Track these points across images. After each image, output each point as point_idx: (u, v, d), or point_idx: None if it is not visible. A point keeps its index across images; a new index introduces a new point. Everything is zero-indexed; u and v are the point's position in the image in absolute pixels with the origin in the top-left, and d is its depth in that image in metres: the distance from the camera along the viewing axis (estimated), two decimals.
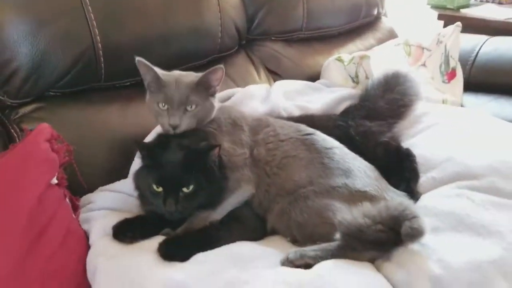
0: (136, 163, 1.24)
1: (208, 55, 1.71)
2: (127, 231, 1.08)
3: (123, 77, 1.50)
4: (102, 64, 1.41)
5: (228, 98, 1.55)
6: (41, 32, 1.29)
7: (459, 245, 0.94)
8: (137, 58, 1.20)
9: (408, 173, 1.21)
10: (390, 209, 0.97)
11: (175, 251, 1.03)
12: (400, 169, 1.22)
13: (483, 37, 2.22)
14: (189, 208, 1.11)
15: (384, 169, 1.22)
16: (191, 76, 1.22)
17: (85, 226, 1.13)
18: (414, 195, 1.16)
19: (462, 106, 2.06)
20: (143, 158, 1.15)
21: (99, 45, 1.38)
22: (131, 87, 1.52)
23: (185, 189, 1.08)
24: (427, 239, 0.96)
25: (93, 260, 1.00)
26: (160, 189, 1.09)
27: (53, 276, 0.96)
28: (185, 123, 1.16)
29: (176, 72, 1.26)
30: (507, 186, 1.06)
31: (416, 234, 0.91)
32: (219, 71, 1.19)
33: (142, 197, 1.18)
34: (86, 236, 1.12)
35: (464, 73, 2.12)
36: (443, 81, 2.07)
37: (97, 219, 1.13)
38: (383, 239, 0.95)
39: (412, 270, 0.90)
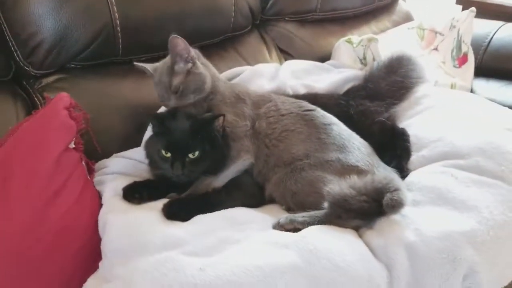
0: (148, 133, 1.34)
1: (221, 34, 1.78)
2: (135, 193, 1.19)
3: (139, 53, 1.59)
4: (120, 40, 1.50)
5: (237, 75, 1.63)
6: (64, 8, 1.39)
7: (436, 217, 1.01)
8: (135, 63, 1.37)
9: (400, 151, 1.27)
10: (375, 182, 1.04)
11: (178, 211, 1.13)
12: (394, 147, 1.28)
13: (498, 23, 2.22)
14: (195, 172, 1.21)
15: (379, 147, 1.29)
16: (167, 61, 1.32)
17: (99, 187, 1.24)
18: (404, 172, 1.23)
19: (471, 91, 2.09)
20: (153, 127, 1.26)
21: (117, 21, 1.48)
22: (146, 62, 1.60)
23: (191, 155, 1.19)
24: (408, 211, 1.03)
25: (103, 216, 1.11)
26: (169, 154, 1.20)
27: (67, 229, 1.07)
28: (180, 102, 1.27)
29: (163, 61, 1.36)
30: (490, 165, 1.11)
31: (396, 205, 0.98)
32: (175, 40, 1.26)
33: (151, 163, 1.28)
34: (99, 196, 1.22)
35: (476, 58, 2.14)
36: (454, 66, 2.09)
37: (110, 181, 1.24)
38: (366, 209, 1.03)
39: (389, 237, 0.97)
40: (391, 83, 1.49)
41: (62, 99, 1.18)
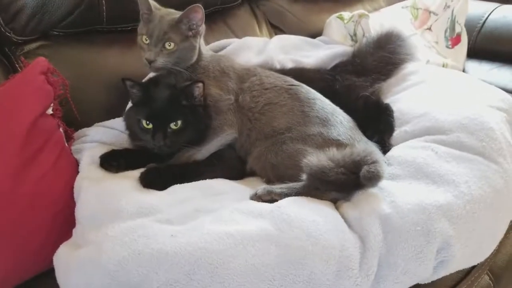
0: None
1: (210, 6, 1.75)
2: (113, 161, 1.18)
3: (124, 21, 1.56)
4: (104, 7, 1.47)
5: (224, 47, 1.60)
6: None
7: (413, 190, 1.01)
8: None
9: (383, 125, 1.26)
10: (353, 155, 1.03)
11: (155, 180, 1.12)
12: (377, 122, 1.27)
13: (493, 5, 2.20)
14: (177, 143, 1.19)
15: (363, 121, 1.28)
16: (177, 15, 1.25)
17: (77, 155, 1.23)
18: (386, 146, 1.22)
19: (463, 71, 2.08)
20: (131, 96, 1.23)
21: None
22: (132, 31, 1.55)
23: (173, 125, 1.17)
24: (386, 184, 1.03)
25: (79, 182, 1.10)
26: (150, 125, 1.17)
27: (42, 194, 1.06)
28: (160, 60, 1.21)
29: (168, 10, 1.30)
30: (471, 141, 1.10)
31: (373, 177, 0.97)
32: (198, 9, 1.22)
33: (132, 134, 1.26)
34: (77, 164, 1.21)
35: (470, 39, 2.12)
36: (447, 46, 2.08)
37: (88, 149, 1.23)
38: (344, 181, 1.01)
39: (364, 209, 0.96)
40: (378, 58, 1.47)
41: (39, 64, 1.15)
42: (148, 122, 1.17)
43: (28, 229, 1.04)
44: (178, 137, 1.18)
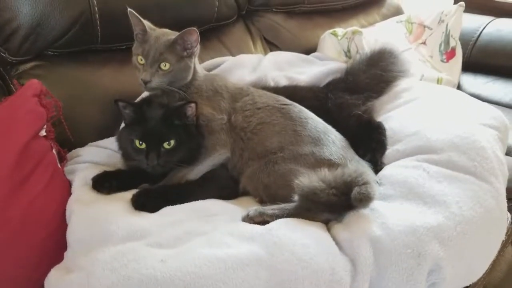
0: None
1: (204, 24, 1.76)
2: (105, 182, 1.18)
3: (119, 40, 1.57)
4: (98, 27, 1.49)
5: (218, 65, 1.61)
6: None
7: (404, 211, 1.00)
8: (129, 9, 1.26)
9: (375, 144, 1.26)
10: (345, 175, 1.03)
11: (147, 201, 1.12)
12: (369, 141, 1.27)
13: (488, 18, 2.22)
14: (170, 162, 1.19)
15: (355, 140, 1.28)
16: (173, 36, 1.26)
17: (69, 176, 1.23)
18: (378, 165, 1.22)
19: (458, 85, 2.08)
20: (124, 117, 1.23)
21: (96, 8, 1.46)
22: (126, 50, 1.57)
23: (166, 145, 1.17)
24: (377, 204, 1.02)
25: (70, 205, 1.10)
26: (143, 145, 1.17)
27: (34, 217, 1.06)
28: (156, 80, 1.22)
29: (164, 30, 1.31)
30: (463, 160, 1.10)
31: (364, 199, 0.97)
32: (193, 32, 1.23)
33: (125, 154, 1.26)
34: (69, 185, 1.21)
35: (465, 53, 2.14)
36: (442, 60, 2.08)
37: (81, 170, 1.23)
38: (335, 202, 1.01)
39: (355, 231, 0.96)
40: (371, 76, 1.48)
41: (31, 86, 1.16)
42: (141, 142, 1.18)
43: (19, 252, 1.03)
44: (172, 156, 1.19)
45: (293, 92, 1.41)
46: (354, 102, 1.38)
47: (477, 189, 1.05)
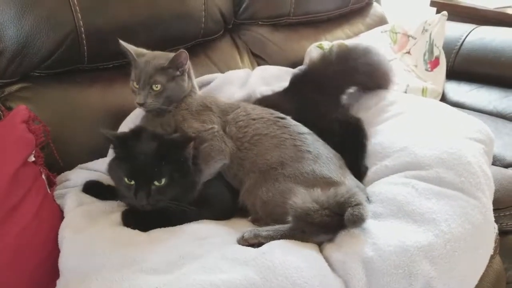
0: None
1: (191, 40, 1.77)
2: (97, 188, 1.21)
3: (106, 60, 1.57)
4: (85, 47, 1.48)
5: (208, 83, 1.62)
6: (26, 16, 1.36)
7: (394, 230, 1.01)
8: (120, 41, 1.32)
9: (355, 147, 1.31)
10: (338, 196, 1.04)
11: (138, 219, 1.11)
12: (351, 144, 1.31)
13: (470, 26, 2.25)
14: (162, 201, 1.11)
15: (337, 143, 1.31)
16: (163, 58, 1.30)
17: (59, 201, 1.22)
18: (361, 170, 1.25)
19: (443, 94, 2.11)
20: (114, 149, 1.16)
21: (82, 29, 1.45)
22: (113, 69, 1.59)
23: (157, 183, 1.09)
24: (369, 223, 1.03)
25: (62, 231, 1.09)
26: (132, 182, 1.09)
27: (25, 246, 1.05)
28: (150, 101, 1.27)
29: (154, 54, 1.34)
30: (450, 176, 1.11)
31: (356, 220, 0.98)
32: (181, 53, 1.29)
33: (117, 189, 1.18)
34: (60, 210, 1.20)
35: (448, 61, 2.16)
36: (426, 69, 2.11)
37: (71, 195, 1.22)
38: (328, 223, 1.02)
39: (348, 252, 0.97)
40: (337, 73, 1.49)
41: (19, 112, 1.16)
42: (130, 179, 1.10)
43: (10, 282, 1.02)
44: (163, 194, 1.10)
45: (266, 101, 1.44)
46: (326, 100, 1.41)
47: (465, 205, 1.07)
